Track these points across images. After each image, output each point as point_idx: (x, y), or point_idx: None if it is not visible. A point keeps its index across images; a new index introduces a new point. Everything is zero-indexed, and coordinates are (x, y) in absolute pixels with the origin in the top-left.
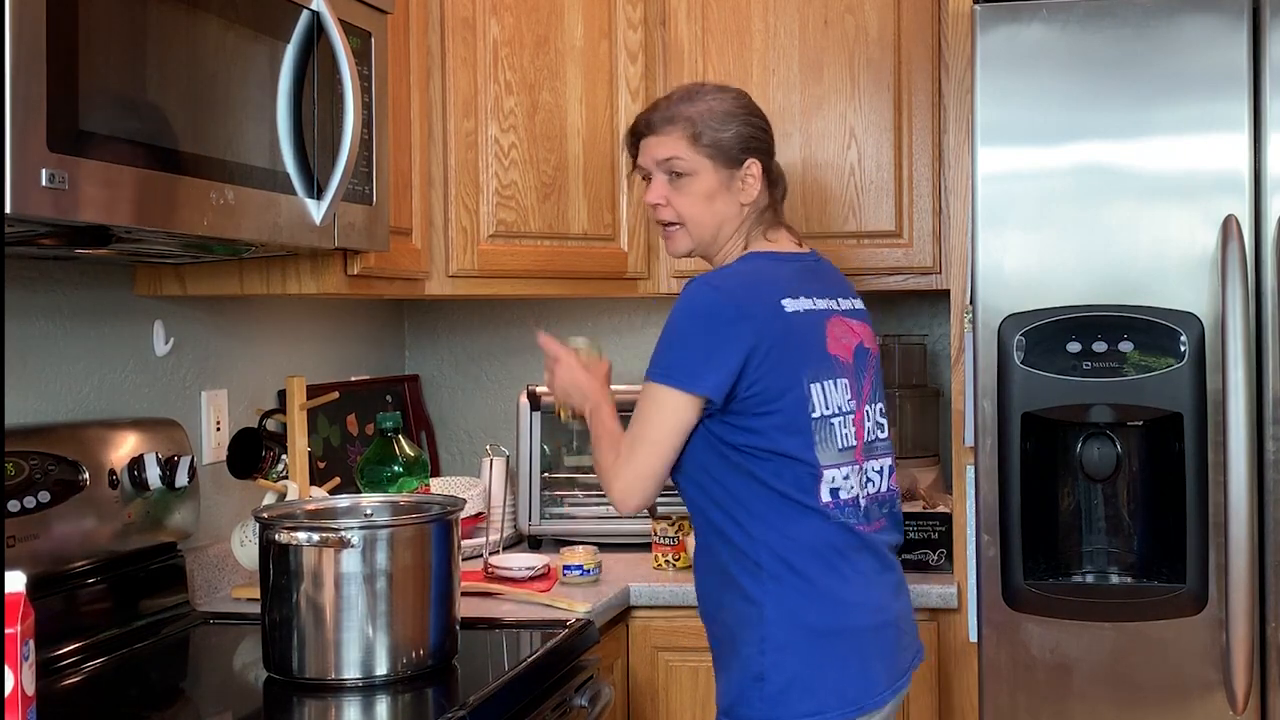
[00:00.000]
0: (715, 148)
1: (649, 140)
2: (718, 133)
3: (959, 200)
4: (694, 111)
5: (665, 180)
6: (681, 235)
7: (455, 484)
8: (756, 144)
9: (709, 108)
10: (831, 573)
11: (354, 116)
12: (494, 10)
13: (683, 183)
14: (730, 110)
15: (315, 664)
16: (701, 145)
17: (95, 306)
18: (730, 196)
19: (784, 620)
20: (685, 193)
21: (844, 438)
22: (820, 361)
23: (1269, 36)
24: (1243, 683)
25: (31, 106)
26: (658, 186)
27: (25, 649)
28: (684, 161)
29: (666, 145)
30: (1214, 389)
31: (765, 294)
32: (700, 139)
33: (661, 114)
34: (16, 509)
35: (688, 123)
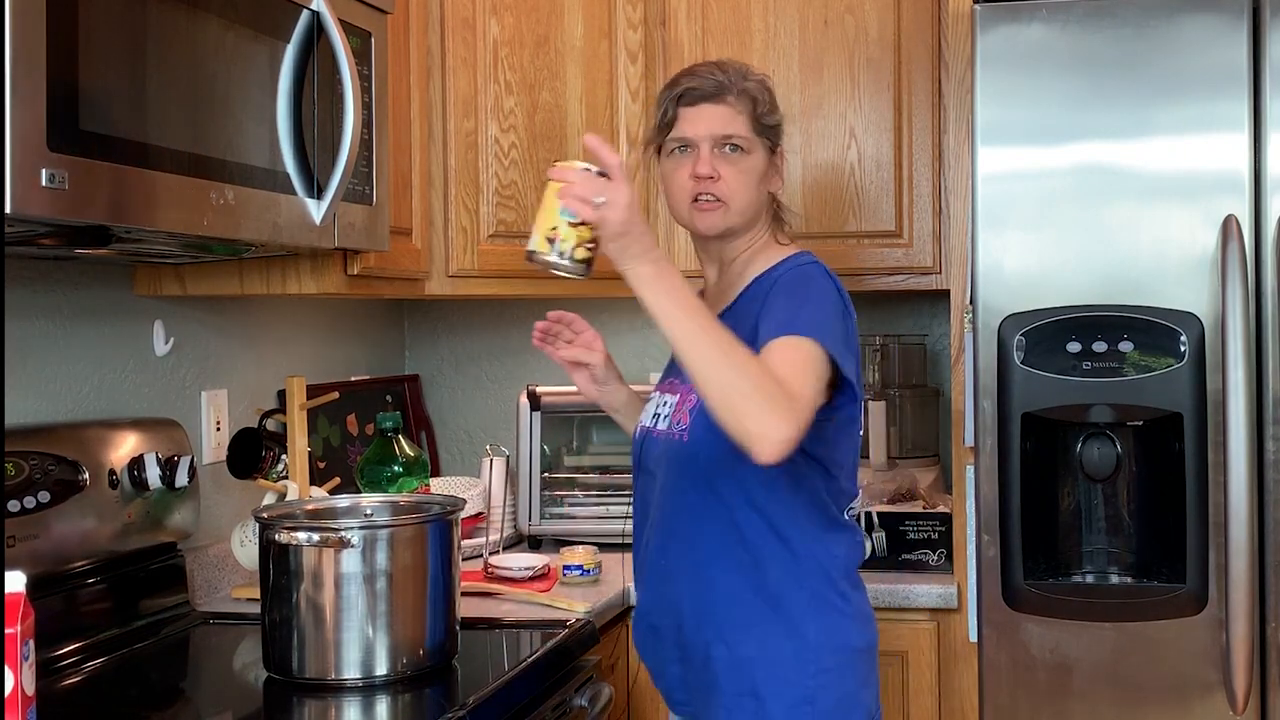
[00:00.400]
0: (769, 130)
1: (707, 109)
2: (772, 116)
3: (959, 200)
4: (754, 88)
5: (716, 154)
6: (721, 211)
7: (455, 484)
8: (782, 133)
9: (762, 90)
10: (860, 589)
11: (354, 116)
12: (494, 10)
13: (737, 158)
14: (773, 97)
15: (315, 664)
16: (761, 124)
17: (95, 306)
18: (765, 181)
19: (829, 642)
20: (739, 169)
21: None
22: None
23: (1269, 36)
24: (1243, 683)
25: (31, 107)
26: (709, 158)
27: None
28: (744, 139)
29: (727, 118)
30: (1214, 389)
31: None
32: (761, 119)
33: (718, 81)
34: (16, 509)
35: (750, 100)
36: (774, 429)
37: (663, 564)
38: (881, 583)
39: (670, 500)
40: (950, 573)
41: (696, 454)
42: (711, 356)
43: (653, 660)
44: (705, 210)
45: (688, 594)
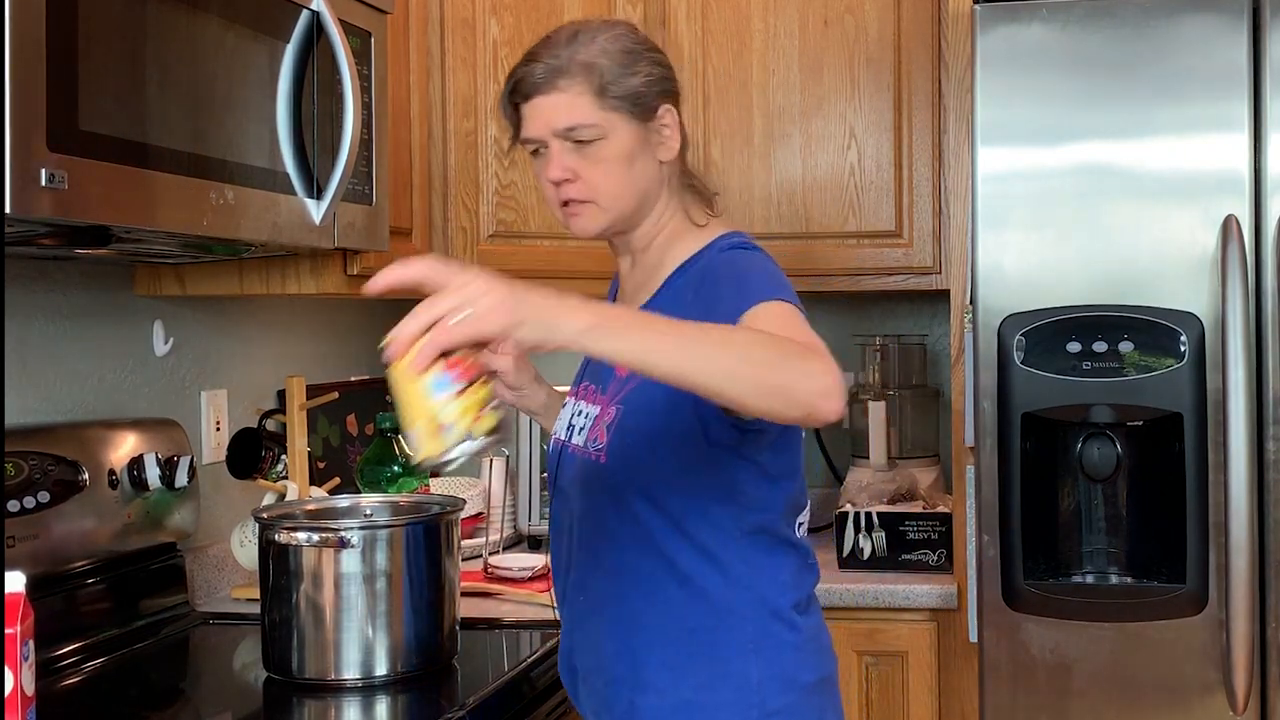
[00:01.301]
0: (626, 99)
1: (540, 101)
2: (626, 79)
3: (959, 200)
4: (590, 56)
5: (569, 149)
6: (592, 213)
7: (455, 484)
8: (667, 84)
9: (604, 49)
10: (815, 618)
11: (354, 116)
12: (494, 10)
13: (592, 149)
14: (630, 48)
15: (315, 664)
16: (609, 98)
17: (95, 306)
18: (649, 156)
19: (775, 680)
20: (597, 161)
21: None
22: None
23: (1269, 36)
24: (1243, 683)
25: (31, 106)
26: (560, 158)
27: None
28: (591, 126)
29: (564, 107)
30: (1214, 389)
31: None
32: (607, 91)
33: (547, 65)
34: (16, 509)
35: (587, 71)
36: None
37: (582, 600)
38: (881, 583)
39: (588, 527)
40: (950, 573)
41: (616, 476)
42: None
43: (582, 707)
44: (574, 215)
45: (609, 635)
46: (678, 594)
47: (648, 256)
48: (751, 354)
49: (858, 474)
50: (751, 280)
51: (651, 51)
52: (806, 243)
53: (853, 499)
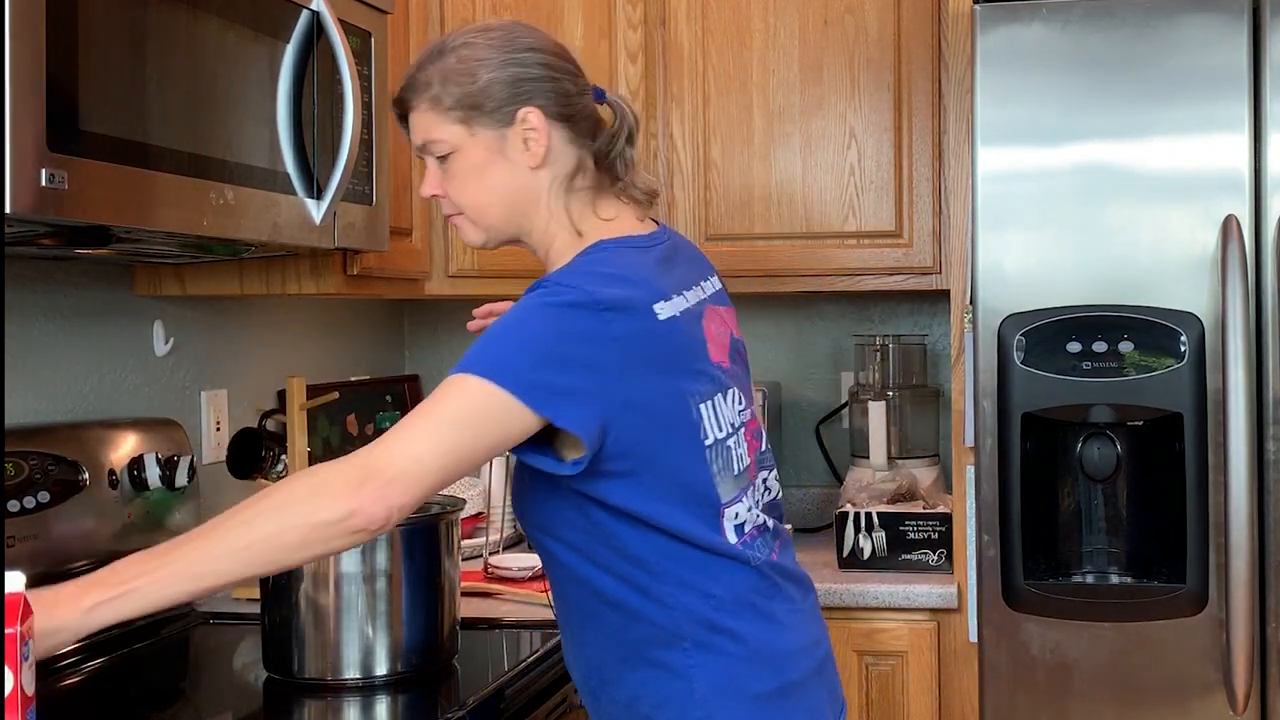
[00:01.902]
0: (465, 107)
1: (408, 124)
2: (463, 86)
3: (959, 200)
4: (432, 71)
5: (435, 164)
6: (466, 225)
7: (455, 484)
8: (530, 86)
9: (457, 58)
10: (765, 624)
11: (354, 116)
12: (494, 10)
13: (448, 164)
14: (482, 55)
15: (315, 664)
16: (445, 109)
17: (95, 306)
18: (505, 165)
19: (720, 694)
20: (452, 175)
21: (739, 460)
22: (706, 375)
23: (1269, 36)
24: (1243, 683)
25: (31, 107)
26: (431, 174)
27: (25, 649)
28: (438, 142)
29: (419, 123)
30: (1214, 389)
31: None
32: (442, 101)
33: (405, 82)
34: (16, 509)
35: (425, 87)
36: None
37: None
38: (881, 583)
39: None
40: (950, 573)
41: (524, 516)
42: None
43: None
44: (456, 228)
45: (578, 654)
46: (612, 617)
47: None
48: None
49: (858, 474)
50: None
51: (514, 53)
52: (806, 243)
53: (853, 499)
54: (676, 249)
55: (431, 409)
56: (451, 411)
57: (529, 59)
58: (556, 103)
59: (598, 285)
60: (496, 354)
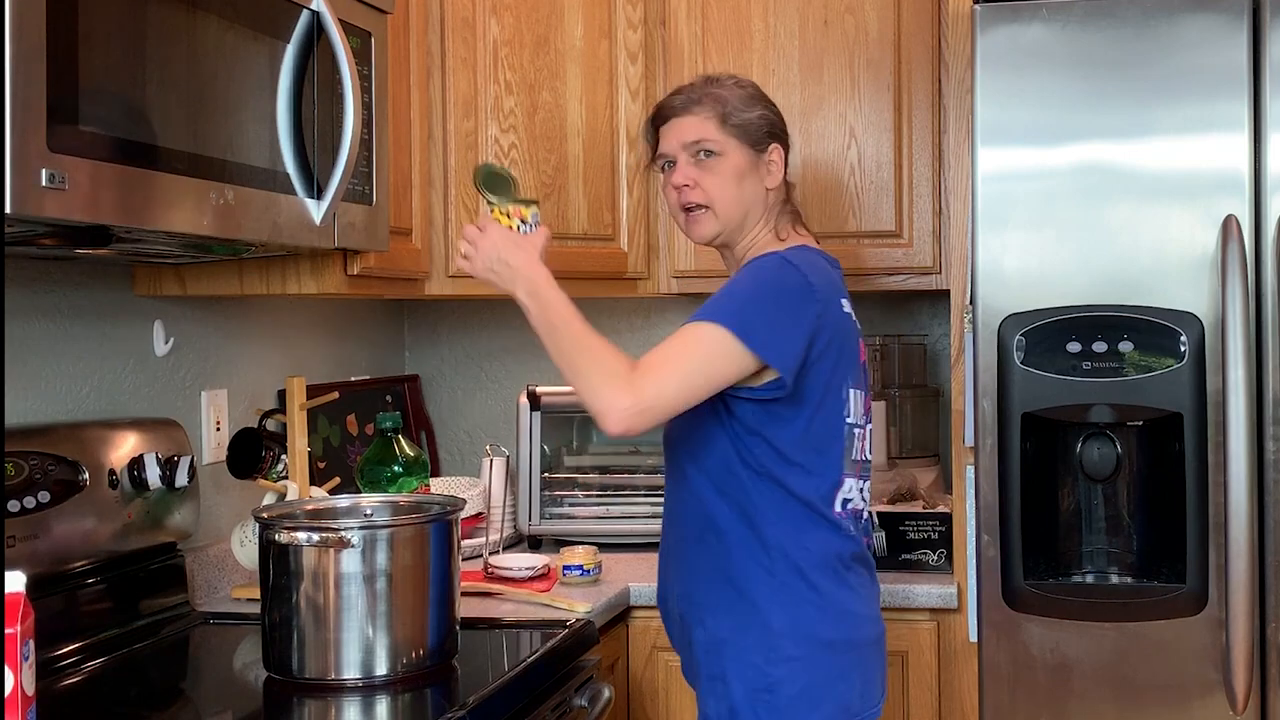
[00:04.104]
0: (742, 128)
1: (674, 123)
2: (744, 114)
3: (959, 200)
4: (719, 93)
5: (692, 162)
6: (708, 218)
7: (455, 484)
8: (779, 130)
9: (732, 92)
10: (840, 584)
11: (354, 116)
12: (494, 10)
13: (712, 162)
14: (753, 95)
15: (315, 664)
16: (730, 125)
17: (95, 306)
18: (756, 179)
19: (794, 631)
20: (714, 172)
21: (860, 450)
22: (858, 368)
23: (1269, 36)
24: (1243, 683)
25: (31, 106)
26: (684, 168)
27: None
28: (714, 141)
29: (694, 126)
30: (1214, 389)
31: (831, 287)
32: (729, 119)
33: (686, 97)
34: (16, 509)
35: (715, 102)
36: (610, 400)
37: (664, 544)
38: (881, 583)
39: (667, 482)
40: (950, 573)
41: (673, 441)
42: (564, 347)
43: (672, 639)
44: (693, 221)
45: (675, 576)
46: (717, 545)
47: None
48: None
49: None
50: (723, 294)
51: (769, 103)
52: None
53: None
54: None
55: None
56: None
57: (775, 111)
58: (786, 146)
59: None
60: (726, 306)
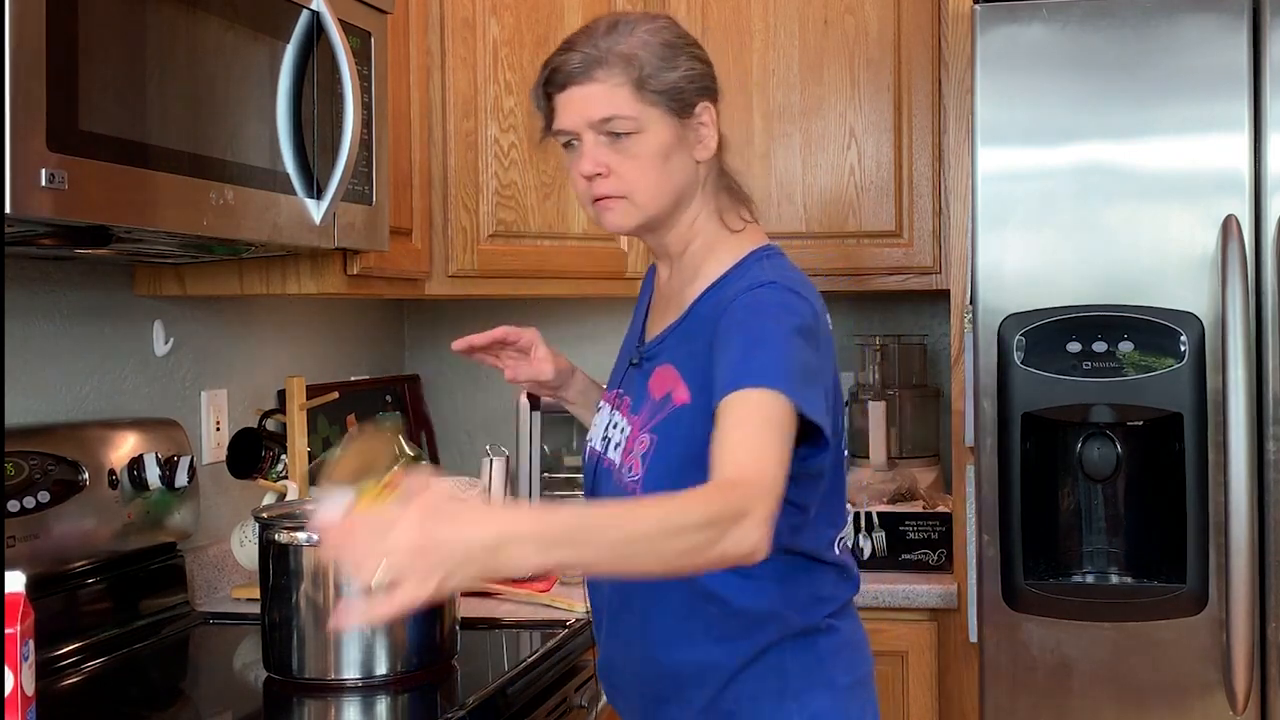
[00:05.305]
0: (664, 93)
1: (576, 91)
2: (665, 73)
3: (959, 200)
4: (630, 47)
5: (603, 142)
6: (626, 208)
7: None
8: (707, 81)
9: (644, 40)
10: (850, 621)
11: (354, 116)
12: (494, 10)
13: (627, 143)
14: (672, 42)
15: (315, 664)
16: (648, 92)
17: (95, 306)
18: (685, 154)
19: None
20: (632, 155)
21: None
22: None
23: (1269, 36)
24: (1243, 683)
25: (31, 106)
26: (593, 151)
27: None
28: (628, 118)
29: (600, 97)
30: (1214, 389)
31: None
32: (646, 84)
33: (585, 54)
34: (16, 509)
35: (626, 63)
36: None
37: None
38: (881, 583)
39: None
40: (950, 573)
41: None
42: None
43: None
44: (605, 209)
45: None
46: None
47: (684, 264)
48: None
49: (858, 474)
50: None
51: (692, 47)
52: (807, 243)
53: (853, 499)
54: None
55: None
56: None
57: (703, 55)
58: (716, 101)
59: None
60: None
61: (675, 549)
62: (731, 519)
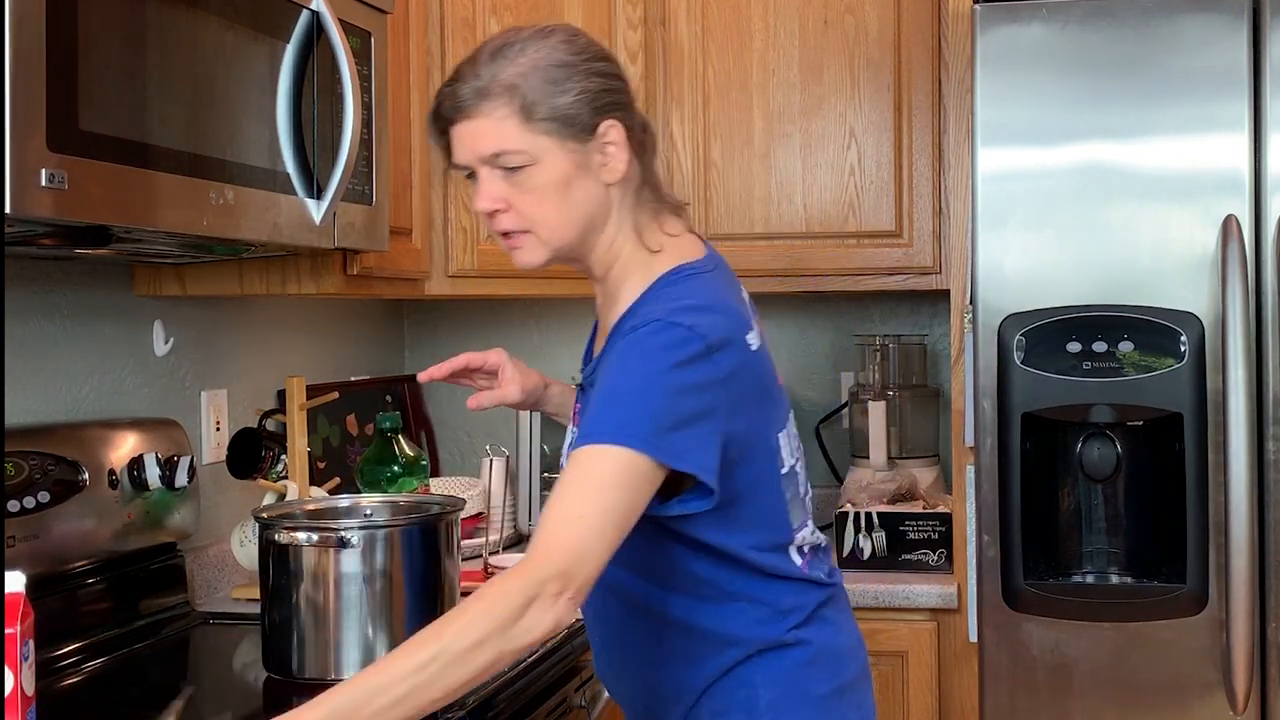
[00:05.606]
0: (556, 120)
1: (464, 126)
2: (556, 98)
3: (959, 200)
4: (513, 75)
5: (498, 176)
6: (532, 244)
7: (455, 484)
8: (610, 98)
9: (534, 63)
10: (824, 627)
11: (354, 116)
12: (494, 10)
13: (522, 176)
14: (564, 60)
15: (315, 664)
16: (537, 120)
17: (95, 306)
18: (589, 179)
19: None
20: (528, 189)
21: (803, 483)
22: (780, 401)
23: (1269, 36)
24: (1243, 683)
25: (31, 106)
26: (488, 186)
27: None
28: (518, 152)
29: (488, 132)
30: (1214, 389)
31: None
32: (534, 113)
33: (471, 85)
34: (16, 509)
35: (510, 93)
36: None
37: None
38: (881, 583)
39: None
40: (950, 573)
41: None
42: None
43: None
44: (513, 248)
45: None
46: (677, 637)
47: (608, 288)
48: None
49: (858, 474)
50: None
51: (592, 61)
52: (806, 243)
53: (853, 499)
54: (725, 266)
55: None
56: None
57: (605, 68)
58: (627, 116)
59: (701, 320)
60: (633, 419)
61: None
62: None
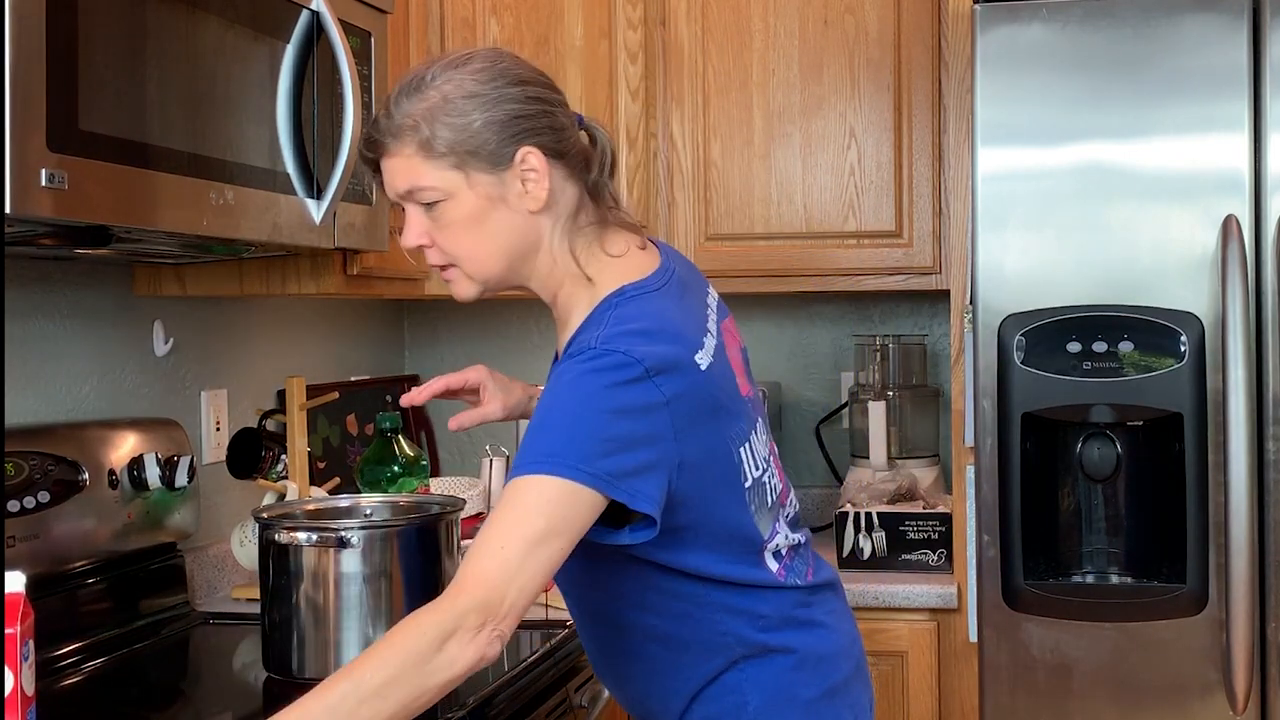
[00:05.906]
0: (461, 153)
1: (385, 166)
2: (456, 132)
3: (959, 200)
4: (422, 109)
5: (420, 212)
6: (460, 278)
7: (455, 484)
8: (526, 124)
9: (442, 95)
10: (810, 631)
11: (354, 116)
12: (494, 10)
13: (439, 212)
14: (472, 91)
15: (315, 664)
16: (437, 155)
17: (95, 306)
18: (506, 211)
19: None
20: (444, 224)
21: (772, 490)
22: (741, 414)
23: (1269, 36)
24: (1243, 683)
25: (31, 106)
26: (414, 222)
27: (25, 649)
28: (426, 189)
29: (399, 169)
30: (1214, 389)
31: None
32: (434, 148)
33: (385, 123)
34: (16, 509)
35: (414, 130)
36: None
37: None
38: (881, 583)
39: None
40: (950, 573)
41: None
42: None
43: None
44: (449, 281)
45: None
46: (660, 651)
47: (558, 314)
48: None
49: (858, 474)
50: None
51: (506, 87)
52: (806, 243)
53: (853, 499)
54: (680, 275)
55: (518, 524)
56: (539, 524)
57: (521, 94)
58: (553, 139)
59: (642, 345)
60: (562, 447)
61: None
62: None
